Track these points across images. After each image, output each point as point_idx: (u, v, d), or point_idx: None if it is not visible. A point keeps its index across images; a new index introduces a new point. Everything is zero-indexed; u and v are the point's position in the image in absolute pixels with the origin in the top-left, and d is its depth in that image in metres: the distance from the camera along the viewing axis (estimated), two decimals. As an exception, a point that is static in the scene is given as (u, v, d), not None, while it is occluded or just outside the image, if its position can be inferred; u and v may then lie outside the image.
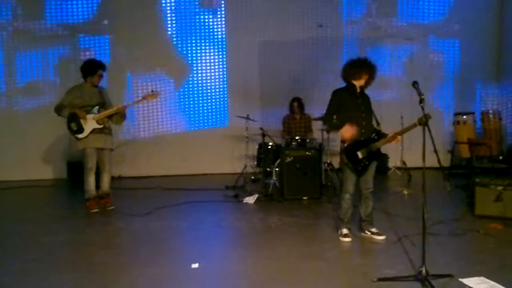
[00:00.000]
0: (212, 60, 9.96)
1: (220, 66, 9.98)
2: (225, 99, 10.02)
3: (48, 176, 9.44)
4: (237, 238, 5.53)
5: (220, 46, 9.94)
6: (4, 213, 7.04)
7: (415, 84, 4.16)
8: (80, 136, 6.45)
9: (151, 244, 5.23)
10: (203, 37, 9.87)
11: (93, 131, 6.47)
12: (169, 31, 9.83)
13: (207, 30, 9.87)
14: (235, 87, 9.93)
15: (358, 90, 5.11)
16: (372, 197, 5.25)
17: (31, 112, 9.55)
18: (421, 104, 4.00)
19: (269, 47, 9.92)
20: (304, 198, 7.26)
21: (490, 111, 8.75)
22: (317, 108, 8.77)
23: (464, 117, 8.76)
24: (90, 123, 6.45)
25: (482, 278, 3.99)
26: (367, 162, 5.00)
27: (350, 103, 5.05)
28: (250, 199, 7.22)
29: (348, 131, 4.93)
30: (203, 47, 9.90)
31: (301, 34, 9.94)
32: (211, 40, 9.91)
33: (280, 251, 4.93)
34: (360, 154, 4.98)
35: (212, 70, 9.98)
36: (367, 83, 5.10)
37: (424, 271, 3.87)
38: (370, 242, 5.14)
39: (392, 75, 10.09)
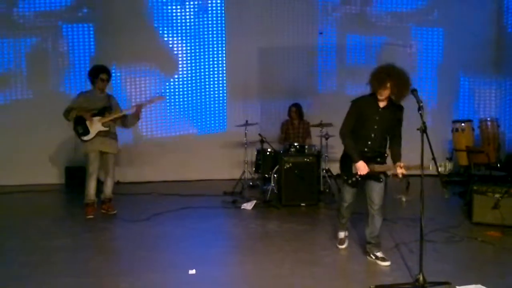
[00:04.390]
0: (211, 66, 9.97)
1: (220, 72, 9.99)
2: (224, 105, 10.03)
3: (45, 181, 9.39)
4: (235, 244, 5.52)
5: (219, 52, 9.95)
6: (1, 217, 7.02)
7: (414, 91, 4.16)
8: (85, 138, 6.50)
9: (149, 249, 5.21)
10: (202, 43, 9.89)
11: (99, 133, 6.51)
12: (167, 41, 9.85)
13: (206, 37, 9.90)
14: (234, 93, 9.95)
15: (384, 103, 4.48)
16: (381, 216, 4.67)
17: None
18: (420, 112, 3.99)
19: (268, 53, 9.95)
20: (302, 204, 7.26)
21: (488, 119, 8.77)
22: (316, 114, 8.79)
23: (463, 124, 8.78)
24: (96, 126, 6.50)
25: (480, 286, 3.99)
26: (359, 178, 4.60)
27: (367, 115, 4.50)
28: (248, 205, 7.21)
29: (361, 169, 4.49)
30: (202, 53, 9.92)
31: (300, 40, 9.97)
32: (210, 46, 9.93)
33: (277, 257, 4.93)
34: (355, 168, 4.56)
35: (211, 76, 9.99)
36: (396, 95, 4.34)
37: (421, 278, 3.87)
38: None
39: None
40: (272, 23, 9.85)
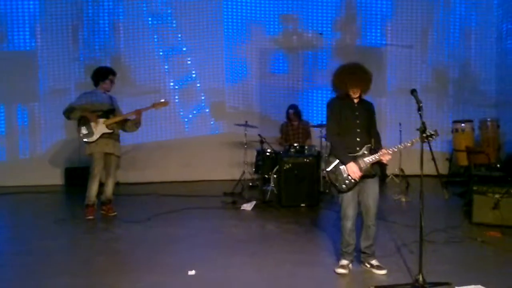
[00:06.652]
0: (211, 65, 9.94)
1: (219, 72, 9.97)
2: (224, 106, 10.02)
3: (45, 182, 9.33)
4: (235, 244, 5.51)
5: (218, 53, 9.94)
6: (1, 218, 7.03)
7: (413, 92, 4.16)
8: (89, 140, 6.48)
9: (149, 250, 5.22)
10: (201, 44, 9.87)
11: (103, 135, 6.51)
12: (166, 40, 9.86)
13: (205, 37, 9.88)
14: (234, 94, 9.95)
15: (357, 99, 4.46)
16: (376, 225, 4.48)
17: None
18: (420, 112, 3.99)
19: (268, 54, 9.95)
20: (302, 205, 7.25)
21: (488, 119, 8.77)
22: (316, 115, 8.80)
23: (463, 125, 8.78)
24: (100, 128, 6.49)
25: (479, 286, 3.98)
26: (352, 180, 4.31)
27: (347, 113, 4.42)
28: (248, 206, 7.21)
29: (353, 171, 4.28)
30: (201, 54, 9.90)
31: (300, 41, 9.98)
32: (210, 47, 9.91)
33: (277, 257, 4.92)
34: (345, 170, 4.32)
35: (211, 76, 9.96)
36: (364, 90, 4.44)
37: (421, 279, 3.87)
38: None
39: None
40: (274, 23, 9.85)
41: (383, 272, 4.41)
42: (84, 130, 6.48)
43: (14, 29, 9.40)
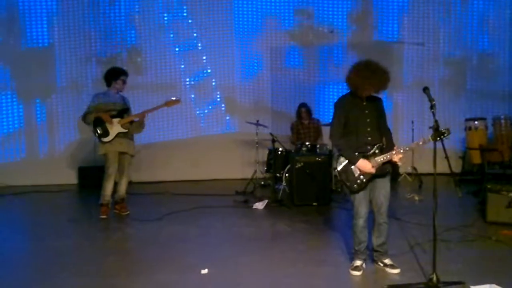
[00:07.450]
0: (223, 61, 9.93)
1: (231, 71, 9.97)
2: (235, 104, 10.02)
3: (58, 181, 9.37)
4: (247, 243, 5.52)
5: (229, 52, 9.94)
6: (14, 217, 7.10)
7: (426, 89, 4.13)
8: (105, 139, 6.52)
9: (161, 249, 5.24)
10: (212, 42, 9.87)
11: (118, 135, 6.55)
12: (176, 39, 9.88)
13: (216, 36, 9.88)
14: (245, 93, 9.94)
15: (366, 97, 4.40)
16: (388, 222, 4.48)
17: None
18: (432, 110, 3.95)
19: (280, 52, 9.93)
20: (314, 203, 7.23)
21: (502, 117, 8.68)
22: (329, 111, 8.75)
23: (476, 122, 8.70)
24: (115, 127, 6.53)
25: (494, 285, 3.95)
26: (364, 180, 4.31)
27: (356, 112, 4.37)
28: (260, 205, 7.21)
29: (365, 166, 4.25)
30: (212, 52, 9.90)
31: (312, 39, 9.95)
32: (221, 46, 9.90)
33: (289, 256, 4.93)
34: (356, 170, 4.31)
35: (222, 75, 9.97)
36: (377, 91, 4.39)
37: (435, 278, 3.83)
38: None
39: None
40: (285, 21, 9.82)
41: (397, 271, 4.41)
42: (99, 130, 6.53)
43: (32, 25, 9.43)
